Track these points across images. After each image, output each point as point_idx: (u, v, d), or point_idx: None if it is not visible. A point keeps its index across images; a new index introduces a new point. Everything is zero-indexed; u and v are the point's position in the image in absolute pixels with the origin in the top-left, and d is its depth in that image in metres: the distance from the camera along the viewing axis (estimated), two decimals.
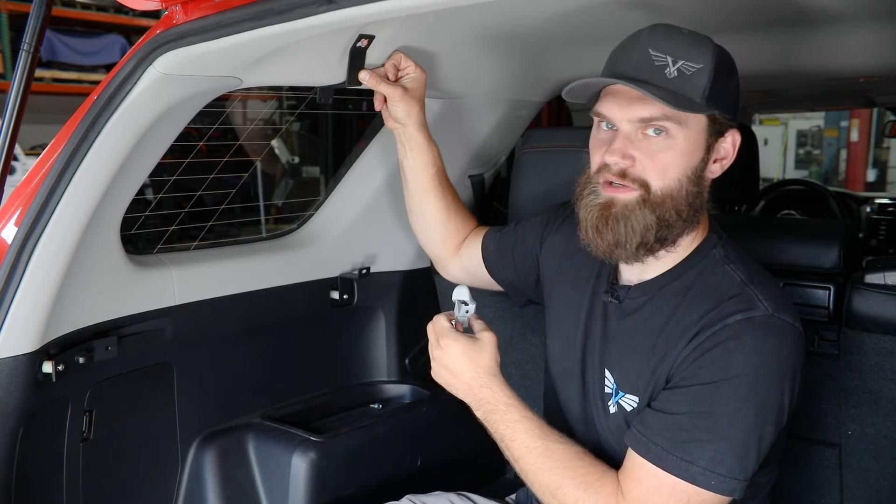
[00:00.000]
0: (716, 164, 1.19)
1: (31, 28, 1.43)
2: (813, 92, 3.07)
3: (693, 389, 1.11)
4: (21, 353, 1.36)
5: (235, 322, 1.83)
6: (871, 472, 1.62)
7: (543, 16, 1.49)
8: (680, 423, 1.10)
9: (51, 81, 6.09)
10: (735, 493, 1.09)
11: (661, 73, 1.12)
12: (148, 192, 3.24)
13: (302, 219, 2.10)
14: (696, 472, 1.08)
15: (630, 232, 1.16)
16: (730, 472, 1.08)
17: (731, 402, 1.08)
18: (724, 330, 1.11)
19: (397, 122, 1.54)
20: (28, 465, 1.42)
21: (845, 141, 11.42)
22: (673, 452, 1.09)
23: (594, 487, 1.14)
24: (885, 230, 3.82)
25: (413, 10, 1.13)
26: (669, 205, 1.16)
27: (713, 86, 1.12)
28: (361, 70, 1.48)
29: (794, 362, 1.13)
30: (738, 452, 1.08)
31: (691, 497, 1.09)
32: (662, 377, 1.17)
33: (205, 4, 1.24)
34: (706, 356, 1.11)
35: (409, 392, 2.13)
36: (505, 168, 2.40)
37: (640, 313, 1.24)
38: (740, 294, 1.14)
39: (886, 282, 1.59)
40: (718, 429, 1.08)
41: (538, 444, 1.19)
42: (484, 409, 1.24)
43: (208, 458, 1.79)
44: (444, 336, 1.26)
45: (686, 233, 1.21)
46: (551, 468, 1.17)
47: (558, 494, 1.16)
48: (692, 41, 1.14)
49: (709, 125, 1.16)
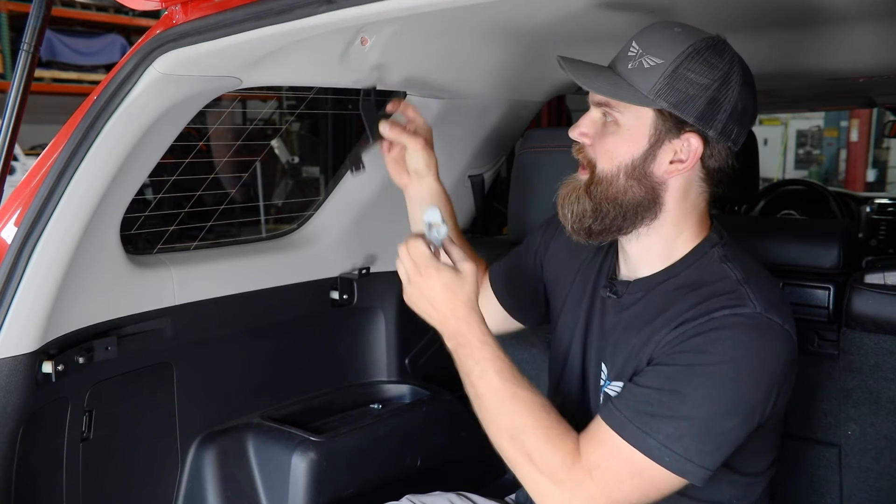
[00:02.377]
0: (672, 165, 1.19)
1: (31, 28, 1.43)
2: (813, 92, 3.06)
3: (667, 369, 1.13)
4: (21, 353, 1.36)
5: (235, 322, 1.83)
6: (871, 472, 1.62)
7: (543, 16, 1.49)
8: (647, 397, 1.11)
9: (51, 81, 6.10)
10: (688, 475, 1.09)
11: (625, 63, 1.17)
12: (148, 192, 3.25)
13: (302, 219, 2.10)
14: (653, 445, 1.09)
15: (570, 214, 1.23)
16: (686, 452, 1.08)
17: (700, 387, 1.09)
18: (709, 322, 1.12)
19: (416, 174, 1.52)
20: (28, 465, 1.42)
21: (845, 141, 11.43)
22: (634, 422, 1.10)
23: (554, 442, 1.14)
24: (885, 230, 3.82)
25: (413, 10, 1.13)
26: (605, 192, 1.20)
27: (670, 82, 1.13)
28: (381, 122, 1.47)
29: (779, 363, 1.13)
30: (697, 435, 1.08)
31: (644, 470, 1.09)
32: (644, 360, 1.18)
33: (205, 4, 1.24)
34: (687, 342, 1.13)
35: (409, 392, 2.13)
36: (505, 168, 2.40)
37: (636, 308, 1.25)
38: (733, 291, 1.15)
39: (886, 282, 1.59)
40: (683, 409, 1.09)
41: (506, 387, 1.18)
42: (456, 342, 1.22)
43: (208, 458, 1.79)
44: (425, 265, 1.22)
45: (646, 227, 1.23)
46: (514, 412, 1.16)
47: (516, 440, 1.15)
48: (671, 38, 1.15)
49: (656, 120, 1.17)
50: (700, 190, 1.24)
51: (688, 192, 1.23)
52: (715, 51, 1.15)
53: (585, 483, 1.11)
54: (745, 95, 1.18)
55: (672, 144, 1.18)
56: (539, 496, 1.15)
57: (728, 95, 1.15)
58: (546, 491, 1.14)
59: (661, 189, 1.21)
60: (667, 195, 1.22)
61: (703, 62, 1.14)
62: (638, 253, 1.27)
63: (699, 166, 1.20)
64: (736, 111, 1.17)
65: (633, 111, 1.17)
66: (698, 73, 1.13)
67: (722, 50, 1.16)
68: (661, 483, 1.11)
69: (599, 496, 1.11)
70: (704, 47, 1.14)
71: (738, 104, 1.17)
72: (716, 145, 1.19)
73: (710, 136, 1.17)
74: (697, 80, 1.13)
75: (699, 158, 1.19)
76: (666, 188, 1.21)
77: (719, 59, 1.15)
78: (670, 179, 1.20)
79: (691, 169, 1.20)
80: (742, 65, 1.18)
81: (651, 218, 1.23)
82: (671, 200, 1.22)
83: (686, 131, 1.17)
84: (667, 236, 1.24)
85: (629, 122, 1.18)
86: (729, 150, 1.21)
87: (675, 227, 1.24)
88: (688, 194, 1.23)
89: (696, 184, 1.23)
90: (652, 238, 1.25)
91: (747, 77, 1.18)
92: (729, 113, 1.16)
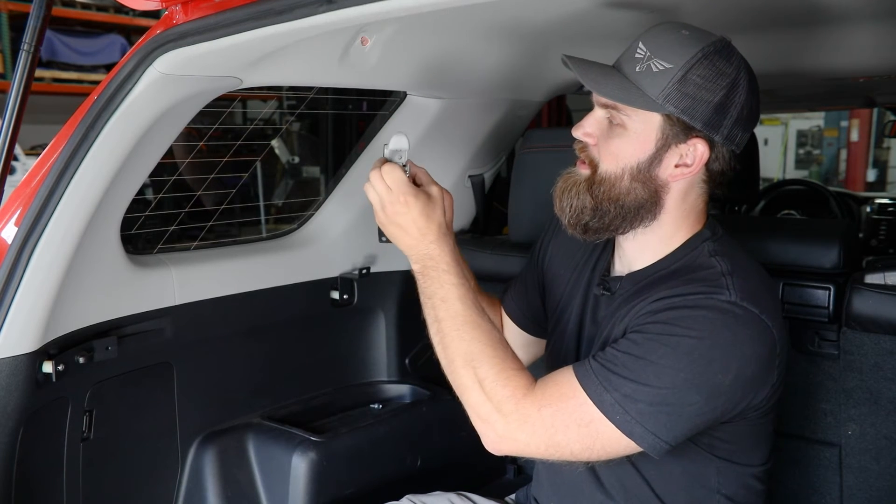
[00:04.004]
0: (677, 169, 1.19)
1: (31, 28, 1.43)
2: (813, 92, 3.07)
3: (637, 335, 1.14)
4: (21, 353, 1.36)
5: (235, 322, 1.83)
6: (871, 472, 1.62)
7: (544, 16, 1.49)
8: (614, 357, 1.12)
9: (51, 81, 6.10)
10: (636, 438, 1.09)
11: (633, 65, 1.16)
12: (148, 192, 3.25)
13: (302, 219, 2.10)
14: (607, 401, 1.10)
15: (568, 208, 1.24)
16: (638, 414, 1.09)
17: (665, 356, 1.10)
18: (683, 300, 1.14)
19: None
20: (28, 465, 1.42)
21: (845, 141, 11.42)
22: (597, 375, 1.11)
23: (507, 373, 1.15)
24: (885, 230, 3.82)
25: (413, 10, 1.12)
26: (608, 192, 1.20)
27: (679, 87, 1.13)
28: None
29: (753, 352, 1.12)
30: (653, 401, 1.09)
31: (594, 421, 1.10)
32: (620, 332, 1.20)
33: (205, 4, 1.24)
34: (659, 314, 1.14)
35: (409, 392, 2.13)
36: (505, 168, 2.40)
37: (624, 298, 1.26)
38: (713, 280, 1.16)
39: (886, 282, 1.59)
40: (644, 375, 1.10)
41: (468, 313, 1.19)
42: (423, 265, 1.24)
43: (208, 458, 1.79)
44: (402, 191, 1.24)
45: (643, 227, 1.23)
46: (472, 339, 1.18)
47: (470, 366, 1.16)
48: (680, 42, 1.15)
49: (664, 124, 1.17)
50: (700, 191, 1.24)
51: (688, 193, 1.23)
52: (723, 55, 1.15)
53: (532, 418, 1.12)
54: (751, 100, 1.18)
55: (678, 149, 1.18)
56: (482, 424, 1.16)
57: (735, 101, 1.16)
58: (491, 419, 1.14)
59: (663, 192, 1.21)
60: (668, 197, 1.22)
61: (712, 68, 1.14)
62: (633, 250, 1.28)
63: (703, 169, 1.21)
64: (742, 116, 1.17)
65: (641, 115, 1.17)
66: (707, 78, 1.13)
67: (730, 54, 1.16)
68: (607, 440, 1.11)
69: (541, 433, 1.12)
70: (713, 52, 1.14)
71: (745, 109, 1.17)
72: (720, 149, 1.19)
73: (715, 141, 1.18)
74: (707, 86, 1.14)
75: (704, 163, 1.19)
76: (668, 190, 1.22)
77: (727, 65, 1.15)
78: (673, 182, 1.21)
79: (696, 173, 1.20)
80: (748, 69, 1.18)
81: (650, 219, 1.23)
82: (671, 202, 1.22)
83: (693, 136, 1.17)
84: (663, 235, 1.25)
85: (636, 126, 1.18)
86: (732, 152, 1.21)
87: (673, 226, 1.25)
88: (688, 196, 1.23)
89: (698, 185, 1.24)
90: (648, 237, 1.26)
91: (753, 81, 1.19)
92: (735, 118, 1.16)
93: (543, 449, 1.13)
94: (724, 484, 1.25)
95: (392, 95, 2.08)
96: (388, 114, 2.04)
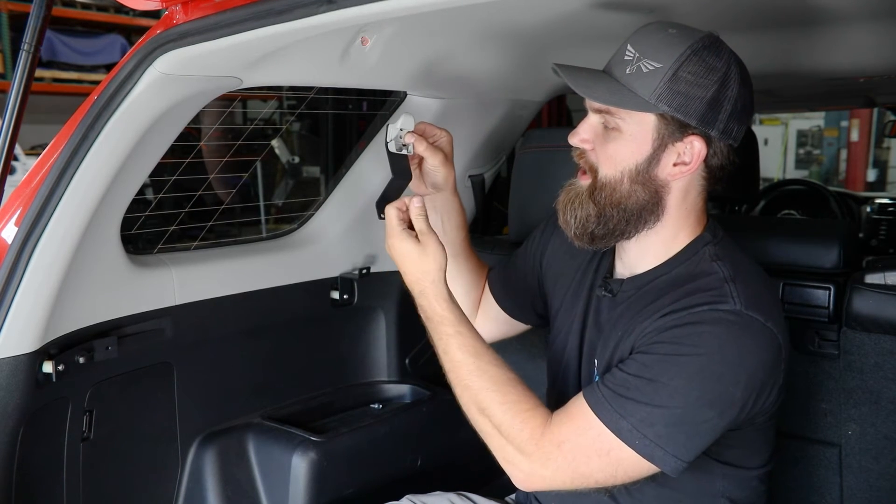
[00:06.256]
0: (676, 167, 1.19)
1: (31, 28, 1.43)
2: (813, 92, 3.07)
3: (645, 357, 1.14)
4: (21, 353, 1.36)
5: (235, 322, 1.83)
6: (871, 472, 1.62)
7: (543, 16, 1.49)
8: (625, 381, 1.13)
9: (51, 81, 6.10)
10: (657, 461, 1.10)
11: (623, 67, 1.16)
12: (148, 192, 3.24)
13: (302, 219, 2.10)
14: (625, 427, 1.10)
15: (573, 220, 1.24)
16: (656, 437, 1.09)
17: (675, 377, 1.10)
18: (688, 315, 1.13)
19: (433, 186, 1.50)
20: (28, 465, 1.42)
21: (845, 141, 11.42)
22: (611, 402, 1.12)
23: (522, 416, 1.16)
24: (885, 230, 3.82)
25: (413, 10, 1.12)
26: (609, 197, 1.20)
27: (670, 86, 1.13)
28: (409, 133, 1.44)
29: (759, 360, 1.13)
30: (669, 423, 1.09)
31: (613, 450, 1.11)
32: (627, 349, 1.20)
33: (205, 4, 1.24)
34: (665, 333, 1.14)
35: (409, 392, 2.13)
36: (505, 168, 2.40)
37: (628, 303, 1.26)
38: (716, 288, 1.16)
39: (886, 282, 1.59)
40: (658, 397, 1.10)
41: (470, 362, 1.20)
42: (423, 314, 1.27)
43: (208, 458, 1.79)
44: (391, 235, 1.27)
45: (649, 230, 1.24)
46: (480, 388, 1.19)
47: (485, 414, 1.18)
48: (668, 41, 1.14)
49: (658, 124, 1.17)
50: (700, 189, 1.24)
51: (689, 192, 1.23)
52: (712, 51, 1.15)
53: (553, 455, 1.13)
54: (744, 93, 1.18)
55: (675, 147, 1.18)
56: (508, 466, 1.18)
57: (728, 95, 1.16)
58: (516, 461, 1.16)
59: (664, 192, 1.21)
60: (669, 197, 1.22)
61: (701, 64, 1.14)
62: (636, 253, 1.28)
63: (702, 166, 1.21)
64: (736, 109, 1.17)
65: (635, 116, 1.17)
66: (698, 75, 1.13)
67: (719, 49, 1.16)
68: (629, 466, 1.12)
69: (566, 469, 1.13)
70: (702, 48, 1.14)
71: (738, 102, 1.17)
72: (718, 144, 1.19)
73: (712, 137, 1.18)
74: (698, 83, 1.14)
75: (703, 160, 1.19)
76: (669, 190, 1.22)
77: (717, 60, 1.15)
78: (673, 182, 1.21)
79: (695, 171, 1.20)
80: (738, 62, 1.18)
81: (654, 221, 1.23)
82: (673, 201, 1.23)
83: (689, 134, 1.17)
84: (666, 237, 1.25)
85: (631, 128, 1.18)
86: (730, 147, 1.21)
87: (675, 227, 1.25)
88: (688, 194, 1.23)
89: (698, 183, 1.24)
90: (651, 239, 1.26)
91: (744, 74, 1.18)
92: (730, 112, 1.16)
93: (570, 481, 1.14)
94: (729, 488, 1.25)
95: (392, 95, 2.08)
96: (388, 114, 2.04)
